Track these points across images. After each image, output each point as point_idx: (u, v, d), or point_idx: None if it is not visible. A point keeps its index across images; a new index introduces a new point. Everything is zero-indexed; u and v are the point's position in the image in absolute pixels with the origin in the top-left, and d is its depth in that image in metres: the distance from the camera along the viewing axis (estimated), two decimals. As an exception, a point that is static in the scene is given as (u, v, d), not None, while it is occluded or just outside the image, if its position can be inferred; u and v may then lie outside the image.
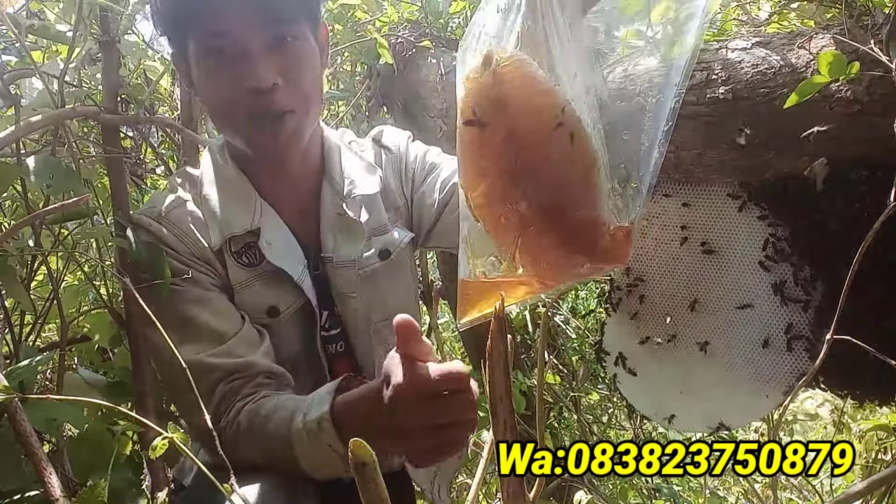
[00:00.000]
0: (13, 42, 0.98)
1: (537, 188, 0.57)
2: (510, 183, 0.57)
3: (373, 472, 0.40)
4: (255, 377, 0.86)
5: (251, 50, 0.82)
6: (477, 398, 0.66)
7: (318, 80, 0.91)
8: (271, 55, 0.83)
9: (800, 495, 2.04)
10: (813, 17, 1.04)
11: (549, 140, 0.56)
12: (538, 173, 0.57)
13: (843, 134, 0.86)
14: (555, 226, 0.57)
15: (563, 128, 0.55)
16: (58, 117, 0.97)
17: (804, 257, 1.02)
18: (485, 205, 0.59)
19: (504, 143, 0.56)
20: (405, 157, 1.09)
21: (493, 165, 0.57)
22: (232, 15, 0.81)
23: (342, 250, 0.98)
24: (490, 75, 0.56)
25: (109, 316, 1.12)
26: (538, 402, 0.72)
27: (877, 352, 0.68)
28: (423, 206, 1.05)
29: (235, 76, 0.83)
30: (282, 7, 0.84)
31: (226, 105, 0.87)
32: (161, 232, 0.92)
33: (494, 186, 0.58)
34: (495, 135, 0.57)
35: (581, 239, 0.58)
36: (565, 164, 0.56)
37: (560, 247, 0.58)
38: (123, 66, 1.17)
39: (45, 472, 0.61)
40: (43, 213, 0.73)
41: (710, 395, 1.15)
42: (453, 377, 0.64)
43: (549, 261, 0.59)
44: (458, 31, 1.58)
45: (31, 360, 0.79)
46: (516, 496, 0.49)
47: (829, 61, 0.74)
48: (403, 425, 0.65)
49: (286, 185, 0.98)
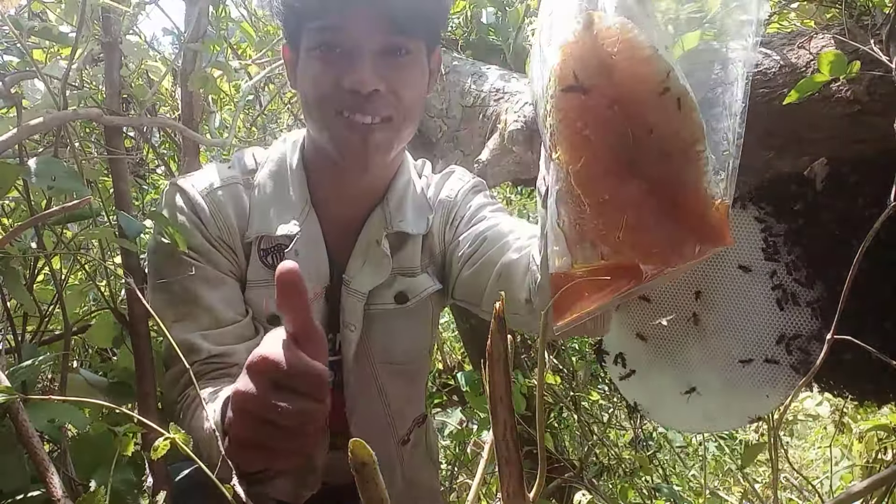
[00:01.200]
0: (14, 43, 0.98)
1: (644, 158, 0.53)
2: (615, 154, 0.53)
3: (372, 472, 0.41)
4: (231, 367, 0.85)
5: (362, 51, 0.81)
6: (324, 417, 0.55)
7: (419, 99, 0.89)
8: (380, 61, 0.82)
9: (800, 495, 2.04)
10: (813, 17, 1.04)
11: (656, 106, 0.53)
12: (645, 142, 0.53)
13: (843, 134, 0.86)
14: (663, 200, 0.53)
15: (669, 93, 0.52)
16: (60, 119, 0.97)
17: (804, 257, 1.02)
18: (587, 178, 0.54)
19: (609, 109, 0.53)
20: (459, 204, 1.04)
21: (597, 135, 0.54)
22: (352, 13, 0.80)
23: (361, 279, 0.95)
24: (593, 39, 0.53)
25: (112, 316, 1.12)
26: (538, 402, 0.72)
27: (878, 352, 0.68)
28: (453, 257, 1.01)
29: (339, 73, 0.82)
30: (404, 19, 0.82)
31: (322, 100, 0.84)
32: (200, 205, 0.91)
33: (598, 157, 0.54)
34: (599, 101, 0.53)
35: (689, 214, 0.53)
36: (673, 132, 0.53)
37: (668, 223, 0.54)
38: (125, 66, 1.18)
39: (47, 472, 0.61)
40: (45, 214, 0.73)
41: (710, 394, 1.15)
42: (312, 376, 0.52)
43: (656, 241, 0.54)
44: (457, 31, 1.58)
45: (33, 360, 0.79)
46: (516, 496, 0.49)
47: (829, 60, 0.74)
48: (235, 409, 0.54)
49: (343, 198, 0.96)
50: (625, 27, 0.53)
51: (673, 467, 2.35)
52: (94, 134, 1.38)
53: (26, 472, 0.70)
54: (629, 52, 0.53)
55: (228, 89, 1.70)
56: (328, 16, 0.81)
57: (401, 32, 0.83)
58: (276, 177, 0.95)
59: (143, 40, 1.32)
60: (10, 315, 1.08)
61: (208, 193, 0.92)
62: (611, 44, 0.53)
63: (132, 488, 0.74)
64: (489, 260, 0.92)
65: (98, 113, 1.04)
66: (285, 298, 0.52)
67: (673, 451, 2.29)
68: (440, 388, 1.94)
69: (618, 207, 0.54)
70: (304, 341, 0.53)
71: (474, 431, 1.87)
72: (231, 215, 0.92)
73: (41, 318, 1.13)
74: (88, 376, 1.01)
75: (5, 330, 1.06)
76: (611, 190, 0.54)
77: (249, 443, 0.54)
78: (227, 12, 1.52)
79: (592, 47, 0.54)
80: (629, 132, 0.53)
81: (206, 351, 0.85)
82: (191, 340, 0.85)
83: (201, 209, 0.91)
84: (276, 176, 0.95)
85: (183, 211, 0.91)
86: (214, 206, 0.92)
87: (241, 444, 0.56)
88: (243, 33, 1.71)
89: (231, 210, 0.92)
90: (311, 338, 0.53)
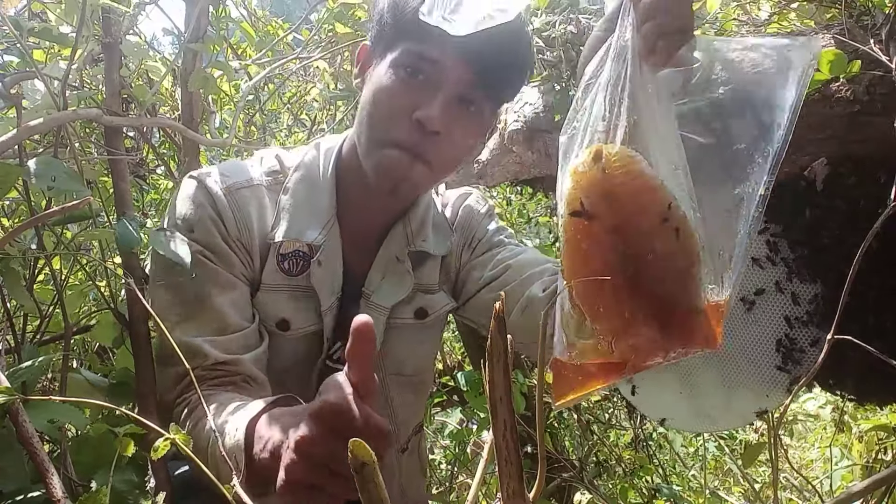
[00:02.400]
0: (14, 43, 0.98)
1: (640, 280, 0.58)
2: (613, 273, 0.58)
3: (372, 472, 0.41)
4: (234, 375, 0.84)
5: (443, 91, 0.83)
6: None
7: (466, 154, 0.93)
8: (452, 106, 0.84)
9: (800, 495, 2.04)
10: (813, 17, 1.05)
11: (654, 234, 0.58)
12: (642, 266, 0.58)
13: (843, 134, 0.86)
14: (655, 317, 0.59)
15: (668, 223, 0.57)
16: (60, 120, 0.97)
17: (804, 257, 1.02)
18: (585, 293, 0.61)
19: (610, 235, 0.58)
20: (476, 228, 1.07)
21: (597, 256, 0.59)
22: (452, 54, 0.81)
23: (383, 293, 0.96)
24: (599, 171, 0.58)
25: (112, 316, 1.12)
26: (538, 402, 0.72)
27: (877, 352, 0.68)
28: (469, 277, 1.04)
29: (414, 101, 0.83)
30: (490, 79, 0.85)
31: (384, 116, 0.85)
32: (222, 202, 0.88)
33: (596, 275, 0.59)
34: (602, 227, 0.59)
35: (680, 329, 0.59)
36: (669, 258, 0.58)
37: (658, 336, 0.59)
38: (125, 66, 1.18)
39: (47, 473, 0.61)
40: (45, 215, 0.73)
41: (709, 394, 1.15)
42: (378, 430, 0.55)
43: (646, 347, 0.60)
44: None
45: (33, 361, 0.79)
46: (516, 496, 0.49)
47: (829, 60, 0.74)
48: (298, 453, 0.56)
49: (367, 212, 0.96)
50: (630, 160, 0.58)
51: (673, 467, 2.35)
52: (94, 134, 1.38)
53: (26, 473, 0.70)
54: (633, 183, 0.58)
55: (228, 89, 1.69)
56: (431, 47, 0.82)
57: (481, 89, 0.85)
58: (307, 183, 0.94)
59: (143, 40, 1.32)
60: (10, 315, 1.08)
61: (231, 192, 0.90)
62: (616, 175, 0.58)
63: (133, 489, 0.74)
64: (512, 291, 0.95)
65: (98, 113, 1.04)
66: (358, 348, 0.55)
67: (673, 452, 2.29)
68: (440, 388, 1.94)
69: (612, 319, 0.59)
70: (366, 393, 0.56)
71: (474, 431, 1.87)
72: (253, 216, 0.90)
73: (41, 318, 1.14)
74: (89, 376, 1.01)
75: (5, 330, 1.06)
76: (606, 304, 0.59)
77: (305, 485, 0.57)
78: (227, 12, 1.52)
79: (599, 178, 0.58)
80: (628, 255, 0.58)
81: (213, 358, 0.83)
82: (197, 344, 0.83)
83: (223, 207, 0.89)
84: (307, 182, 0.94)
85: (202, 206, 0.88)
86: (236, 205, 0.90)
87: (295, 484, 0.57)
88: (243, 33, 1.71)
89: (253, 210, 0.91)
90: (370, 390, 0.57)
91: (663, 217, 0.57)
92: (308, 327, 0.93)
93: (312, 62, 1.83)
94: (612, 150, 0.59)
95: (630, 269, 0.58)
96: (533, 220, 2.29)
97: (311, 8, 1.78)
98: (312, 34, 1.76)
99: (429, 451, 2.21)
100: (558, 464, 1.76)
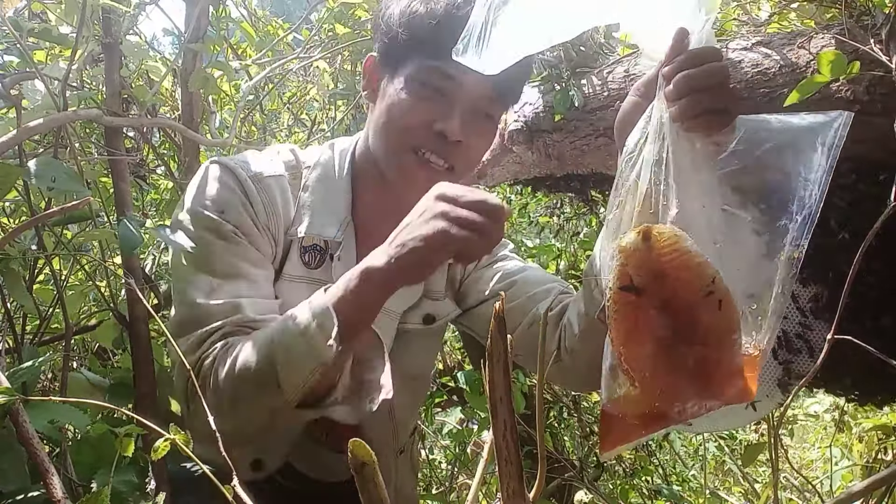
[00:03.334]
0: (14, 43, 0.98)
1: (684, 348, 0.64)
2: (659, 341, 0.64)
3: (372, 472, 0.41)
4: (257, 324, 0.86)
5: (464, 105, 0.87)
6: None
7: (482, 156, 0.98)
8: (469, 118, 0.88)
9: (800, 495, 2.04)
10: (813, 17, 1.04)
11: (699, 306, 0.64)
12: (687, 335, 0.64)
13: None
14: (697, 378, 0.65)
15: (713, 296, 0.63)
16: (60, 120, 0.97)
17: (804, 257, 1.02)
18: (632, 360, 0.66)
19: (658, 308, 0.64)
20: None
21: (645, 328, 0.65)
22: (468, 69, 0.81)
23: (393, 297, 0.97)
24: (648, 250, 0.64)
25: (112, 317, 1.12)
26: (538, 402, 0.72)
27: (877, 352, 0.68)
28: (473, 286, 1.06)
29: (433, 115, 0.86)
30: (504, 92, 0.91)
31: (404, 129, 0.88)
32: (250, 188, 0.89)
33: (643, 346, 0.65)
34: (650, 301, 0.65)
35: (719, 387, 0.65)
36: (712, 327, 0.64)
37: (699, 396, 0.65)
38: (125, 66, 1.18)
39: (47, 473, 0.61)
40: (45, 215, 0.73)
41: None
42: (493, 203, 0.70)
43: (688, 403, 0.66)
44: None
45: (33, 361, 0.79)
46: (516, 496, 0.49)
47: (829, 60, 0.74)
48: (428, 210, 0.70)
49: (378, 217, 0.96)
50: (678, 239, 0.64)
51: (673, 467, 2.35)
52: (94, 134, 1.38)
53: (26, 473, 0.70)
54: (680, 261, 0.64)
55: (228, 89, 1.69)
56: (448, 61, 0.81)
57: (496, 101, 0.91)
58: (324, 181, 0.96)
59: (143, 40, 1.32)
60: (10, 315, 1.08)
61: (258, 179, 0.91)
62: (665, 254, 0.64)
63: (133, 489, 0.74)
64: (519, 307, 0.98)
65: (98, 113, 1.04)
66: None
67: (673, 452, 2.29)
68: (440, 388, 1.94)
69: (657, 383, 0.66)
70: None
71: (474, 431, 1.87)
72: (278, 205, 0.91)
73: (41, 318, 1.14)
74: (90, 376, 1.01)
75: (5, 330, 1.06)
76: (651, 370, 0.65)
77: (434, 241, 0.70)
78: (227, 12, 1.52)
79: (648, 258, 0.64)
80: (674, 326, 0.64)
81: (251, 314, 0.84)
82: (234, 302, 0.84)
83: (251, 192, 0.89)
84: (324, 181, 0.96)
85: (231, 189, 0.89)
86: (264, 192, 0.90)
87: (425, 241, 0.71)
88: (243, 33, 1.71)
89: (279, 200, 0.92)
90: None
91: (708, 290, 0.63)
92: None
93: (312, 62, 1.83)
94: (661, 231, 0.65)
95: (675, 338, 0.64)
96: (533, 221, 2.29)
97: (311, 8, 1.78)
98: (312, 34, 1.76)
99: (429, 451, 2.21)
100: (558, 464, 1.76)
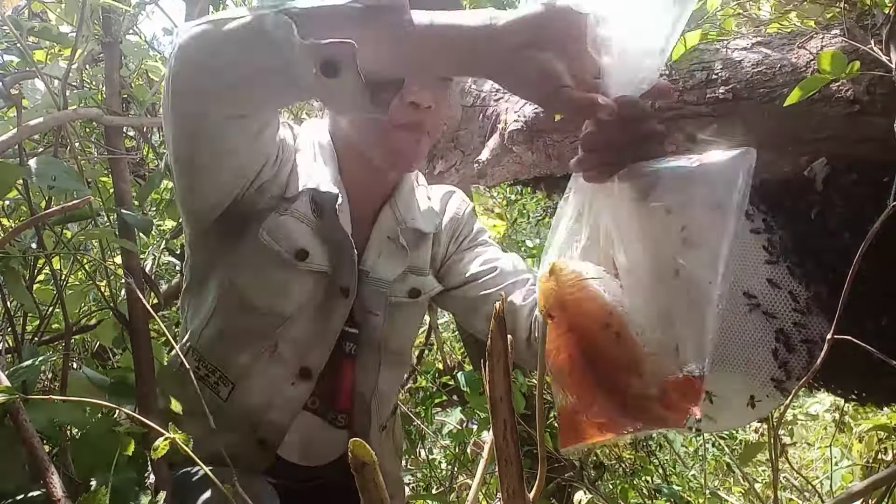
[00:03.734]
0: (14, 43, 0.98)
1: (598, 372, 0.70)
2: (573, 364, 0.71)
3: (372, 472, 0.41)
4: None
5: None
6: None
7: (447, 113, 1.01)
8: (436, 83, 0.91)
9: (800, 495, 2.05)
10: (813, 17, 1.04)
11: (598, 337, 0.70)
12: (595, 359, 0.70)
13: (843, 134, 0.86)
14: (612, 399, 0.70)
15: (610, 328, 0.70)
16: (60, 119, 0.97)
17: (803, 257, 1.02)
18: (559, 375, 0.73)
19: (565, 334, 0.72)
20: (464, 223, 1.14)
21: (562, 349, 0.72)
22: None
23: (380, 270, 1.01)
24: (555, 282, 0.73)
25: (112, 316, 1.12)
26: (538, 402, 0.73)
27: (877, 352, 0.68)
28: (454, 268, 1.10)
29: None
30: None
31: None
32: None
33: (564, 364, 0.72)
34: (560, 327, 0.73)
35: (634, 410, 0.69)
36: (616, 357, 0.70)
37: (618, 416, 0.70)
38: (125, 66, 1.18)
39: (47, 472, 0.62)
40: (45, 214, 0.73)
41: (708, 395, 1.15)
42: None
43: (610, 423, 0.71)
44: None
45: (33, 360, 0.79)
46: (516, 496, 0.49)
47: (829, 60, 0.74)
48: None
49: (360, 193, 1.00)
50: (580, 274, 0.72)
51: (673, 467, 2.35)
52: (94, 134, 1.39)
53: (26, 472, 0.70)
54: (578, 294, 0.71)
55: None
56: None
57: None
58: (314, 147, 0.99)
59: (143, 40, 1.32)
60: (10, 314, 1.08)
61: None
62: (566, 287, 0.72)
63: (133, 488, 0.74)
64: (497, 294, 1.01)
65: (98, 113, 1.04)
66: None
67: (673, 452, 2.29)
68: (440, 388, 1.94)
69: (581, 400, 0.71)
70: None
71: (474, 431, 1.87)
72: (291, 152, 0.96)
73: (41, 317, 1.14)
74: (90, 374, 1.01)
75: (5, 330, 1.06)
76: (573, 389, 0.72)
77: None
78: (228, 12, 1.52)
79: (554, 289, 0.73)
80: (581, 351, 0.71)
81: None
82: None
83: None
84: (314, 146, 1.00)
85: None
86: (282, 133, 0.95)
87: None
88: (243, 33, 1.70)
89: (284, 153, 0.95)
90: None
91: (605, 322, 0.70)
92: (321, 266, 0.96)
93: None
94: (563, 266, 0.73)
95: (586, 362, 0.71)
96: (533, 220, 2.29)
97: (312, 8, 1.77)
98: (312, 34, 1.75)
99: (429, 451, 2.21)
100: (558, 464, 1.76)
